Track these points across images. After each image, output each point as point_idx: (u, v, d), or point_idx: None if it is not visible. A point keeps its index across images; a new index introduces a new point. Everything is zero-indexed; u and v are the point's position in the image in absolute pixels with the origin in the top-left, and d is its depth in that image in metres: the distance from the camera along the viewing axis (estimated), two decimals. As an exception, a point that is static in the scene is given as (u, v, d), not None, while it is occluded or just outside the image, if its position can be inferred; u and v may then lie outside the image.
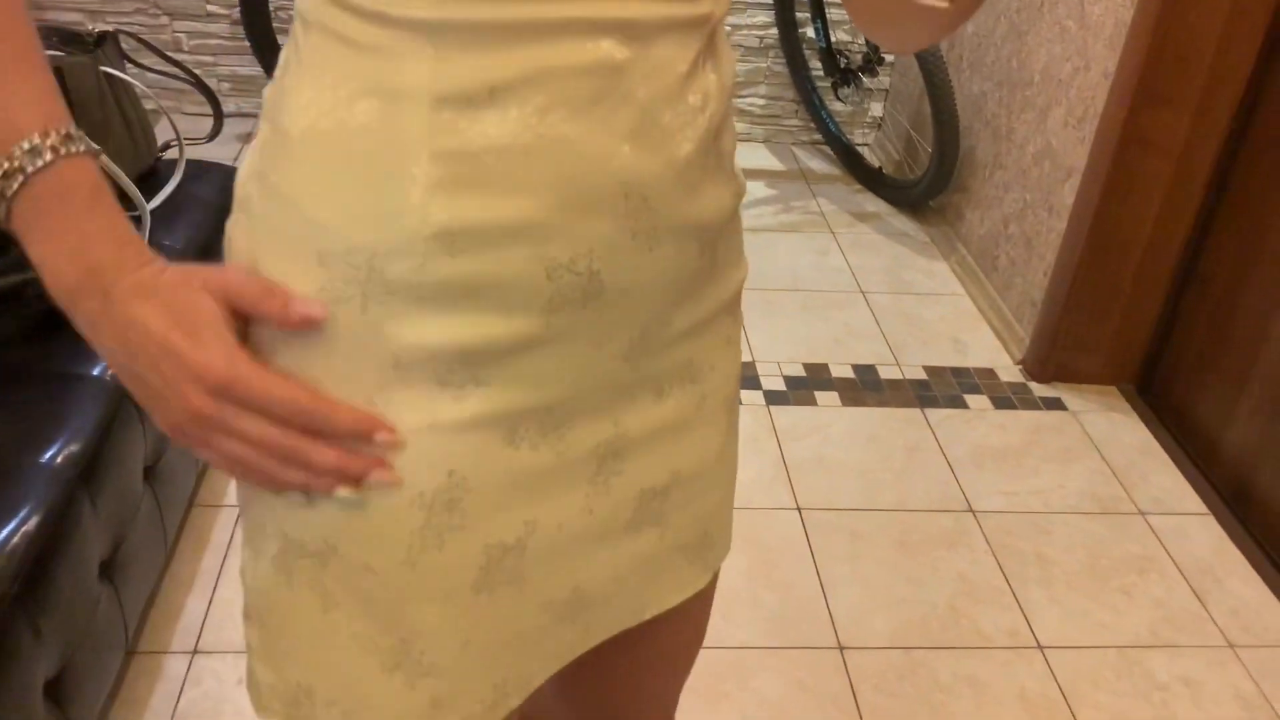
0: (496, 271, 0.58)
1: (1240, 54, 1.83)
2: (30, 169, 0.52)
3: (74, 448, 1.19)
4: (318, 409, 0.58)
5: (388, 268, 0.57)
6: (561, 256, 0.59)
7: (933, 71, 2.44)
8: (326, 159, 0.57)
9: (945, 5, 0.57)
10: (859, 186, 2.95)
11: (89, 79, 1.56)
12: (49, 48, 1.61)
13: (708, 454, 0.74)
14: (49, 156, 0.53)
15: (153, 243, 1.58)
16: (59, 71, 1.46)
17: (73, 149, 0.54)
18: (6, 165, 0.52)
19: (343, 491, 0.60)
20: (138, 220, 1.58)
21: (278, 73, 0.61)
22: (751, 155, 3.08)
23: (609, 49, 0.57)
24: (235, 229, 0.63)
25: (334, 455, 0.59)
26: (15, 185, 0.52)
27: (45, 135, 0.53)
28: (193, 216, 1.65)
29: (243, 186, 0.62)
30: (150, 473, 1.40)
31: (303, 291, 0.58)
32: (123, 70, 1.65)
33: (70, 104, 1.43)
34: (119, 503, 1.28)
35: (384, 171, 0.57)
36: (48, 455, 1.18)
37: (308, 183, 0.58)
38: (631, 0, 0.57)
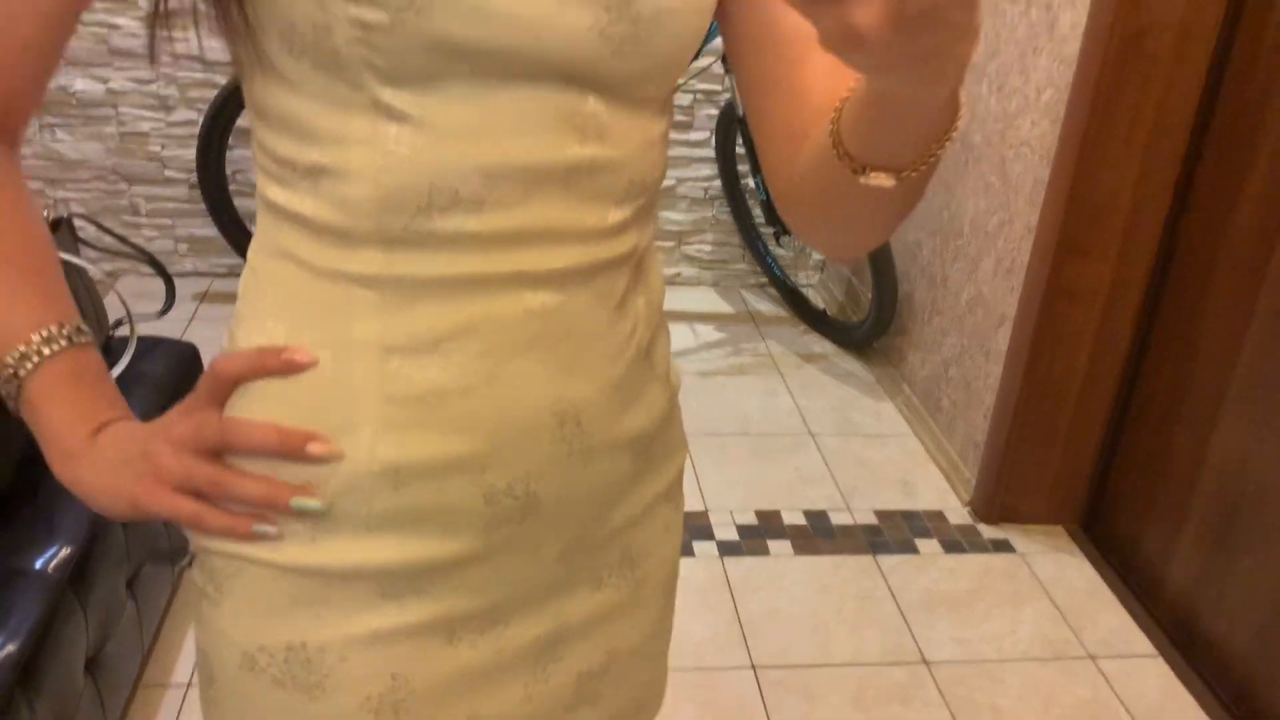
0: (437, 501, 0.63)
1: (1153, 206, 1.94)
2: (47, 352, 0.63)
3: (11, 648, 1.18)
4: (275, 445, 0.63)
5: (336, 502, 0.62)
6: (499, 483, 0.64)
7: (869, 222, 2.54)
8: (280, 398, 0.63)
9: (891, 184, 0.55)
10: (806, 328, 3.03)
11: (42, 265, 1.59)
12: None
13: (644, 632, 0.77)
14: (64, 345, 0.63)
15: (101, 424, 1.59)
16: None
17: (81, 340, 0.64)
18: (24, 349, 0.62)
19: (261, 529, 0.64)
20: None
21: (239, 299, 0.67)
22: (701, 299, 3.16)
23: (543, 299, 0.63)
24: None
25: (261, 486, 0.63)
26: (30, 366, 0.62)
27: (61, 328, 0.63)
28: (144, 394, 1.67)
29: None
30: (93, 663, 1.38)
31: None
32: (76, 254, 1.69)
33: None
34: (58, 699, 1.26)
35: (336, 414, 0.62)
36: (-14, 656, 1.16)
37: (252, 402, 0.63)
38: (561, 251, 0.63)
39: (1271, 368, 1.73)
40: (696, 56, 2.55)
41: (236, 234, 2.80)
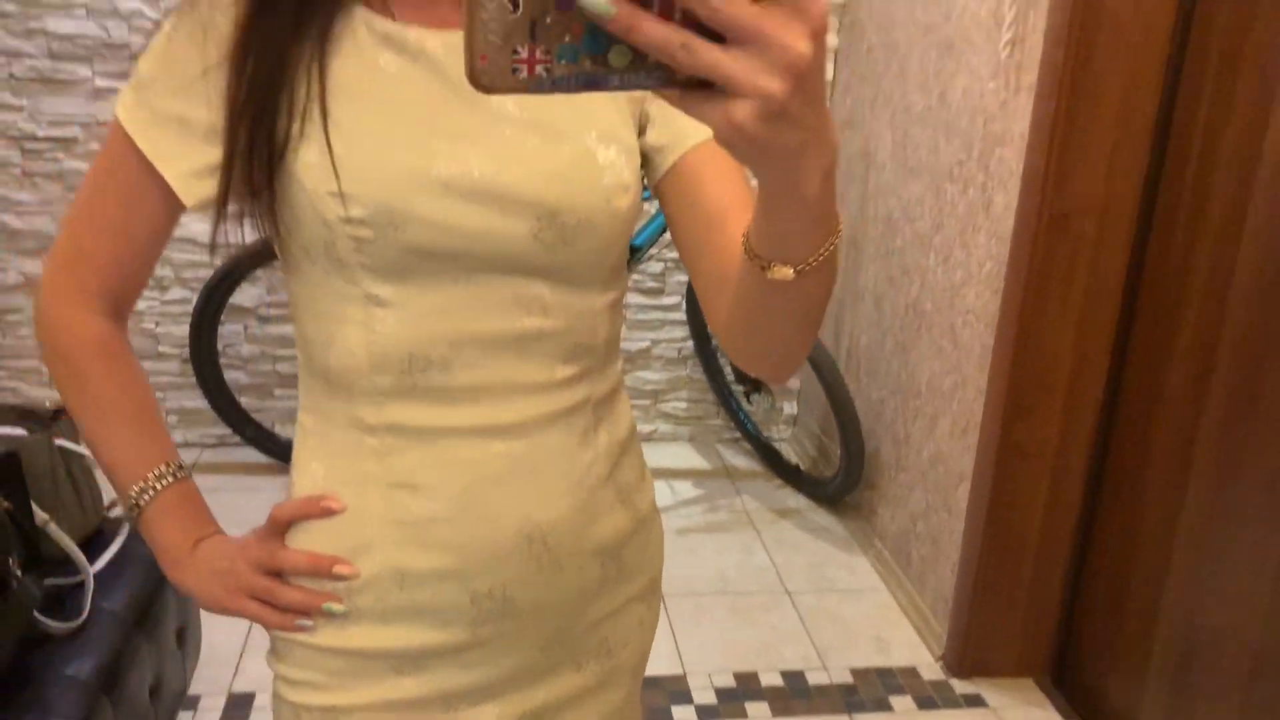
0: (434, 600, 0.85)
1: (1092, 368, 2.06)
2: (159, 486, 0.87)
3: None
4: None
5: (358, 600, 0.85)
6: (482, 588, 0.85)
7: (830, 381, 2.66)
8: (322, 528, 0.86)
9: (791, 275, 0.64)
10: (780, 482, 3.12)
11: (43, 455, 1.68)
12: (8, 424, 1.74)
13: (616, 705, 0.96)
14: (171, 480, 0.88)
15: (93, 607, 1.65)
16: (15, 452, 1.59)
17: (182, 474, 0.89)
18: (142, 484, 0.87)
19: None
20: (81, 585, 1.66)
21: (294, 447, 0.91)
22: (678, 455, 3.25)
23: (509, 445, 0.83)
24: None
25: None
26: (148, 498, 0.87)
27: (168, 466, 0.88)
28: (135, 576, 1.73)
29: None
30: None
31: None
32: (76, 441, 1.78)
33: (26, 479, 1.55)
34: None
35: (358, 536, 0.85)
36: None
37: (304, 533, 0.87)
38: (519, 403, 0.83)
39: (1214, 516, 1.83)
40: (662, 233, 2.67)
41: (225, 406, 2.90)
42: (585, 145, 0.81)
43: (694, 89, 0.50)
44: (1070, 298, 2.01)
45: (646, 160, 0.85)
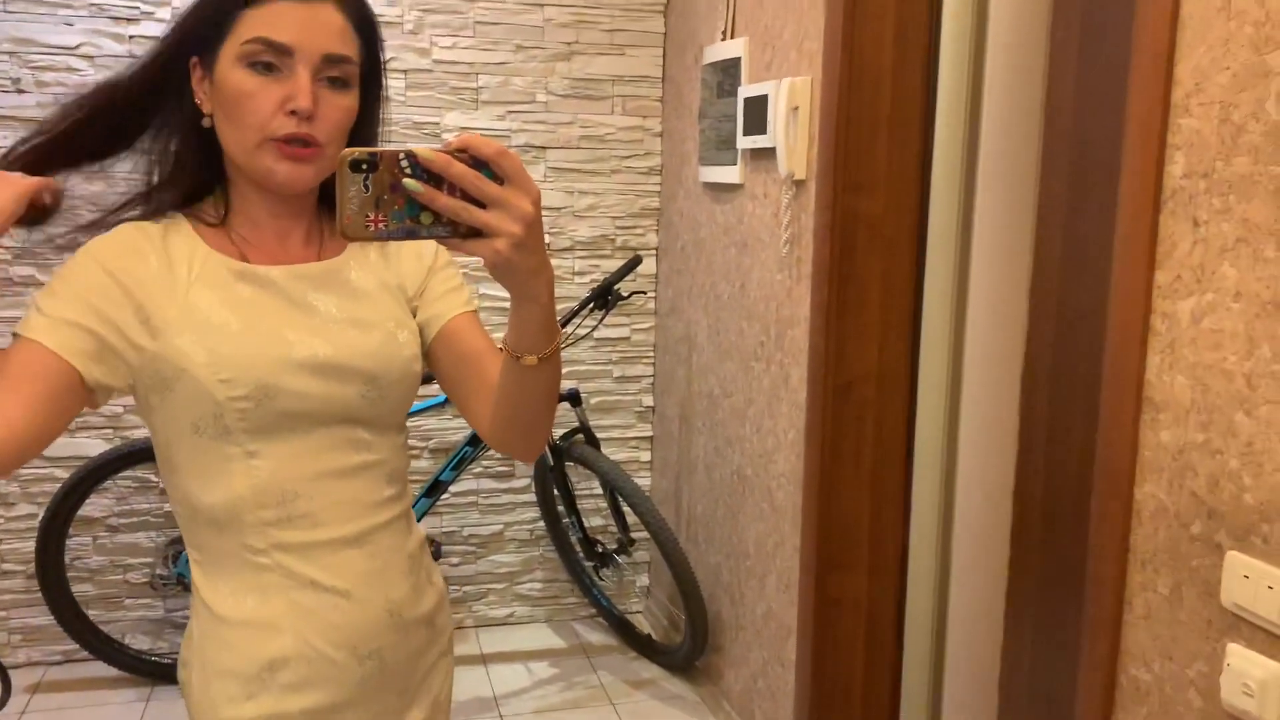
0: (332, 667, 1.16)
1: (889, 522, 2.29)
2: None
3: None
4: None
5: (280, 674, 1.13)
6: (365, 653, 1.17)
7: (668, 550, 2.83)
8: (239, 631, 1.16)
9: (535, 361, 1.03)
10: (635, 654, 3.22)
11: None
12: None
13: None
14: None
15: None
16: None
17: None
18: None
19: None
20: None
21: (194, 577, 1.17)
22: (536, 636, 3.33)
23: (363, 548, 1.19)
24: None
25: None
26: None
27: None
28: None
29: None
30: None
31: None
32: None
33: None
34: None
35: (271, 629, 1.14)
36: None
37: (226, 648, 1.15)
38: (365, 517, 1.17)
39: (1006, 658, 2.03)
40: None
41: (73, 619, 2.87)
42: (388, 330, 1.17)
43: (470, 237, 0.89)
44: (861, 455, 2.25)
45: (420, 332, 1.22)
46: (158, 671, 2.94)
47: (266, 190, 1.12)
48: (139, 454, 2.82)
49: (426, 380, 1.53)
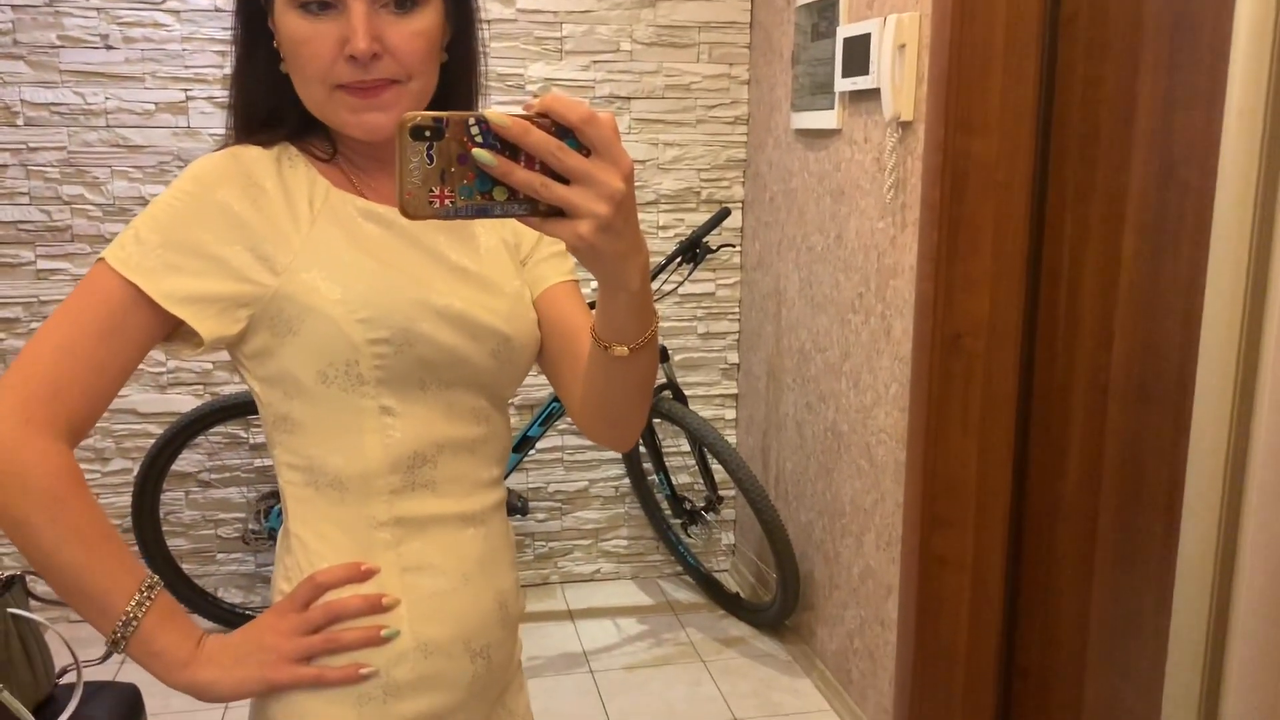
0: (447, 664, 1.01)
1: (997, 478, 2.21)
2: (141, 613, 0.90)
3: None
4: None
5: (394, 671, 0.98)
6: (477, 649, 1.03)
7: (760, 506, 2.78)
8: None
9: (626, 352, 0.89)
10: (723, 612, 3.19)
11: (-4, 623, 1.71)
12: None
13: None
14: (159, 589, 0.92)
15: (46, 773, 1.66)
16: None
17: (159, 587, 0.92)
18: (138, 597, 0.90)
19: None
20: (32, 752, 1.67)
21: (282, 560, 1.03)
22: (621, 592, 3.31)
23: (476, 530, 1.05)
24: None
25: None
26: (131, 629, 0.90)
27: (152, 578, 0.92)
28: (86, 740, 1.75)
29: None
30: None
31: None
32: (27, 609, 1.81)
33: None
34: None
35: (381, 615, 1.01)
36: None
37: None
38: (477, 496, 1.05)
39: (1118, 608, 1.95)
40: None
41: (169, 573, 2.91)
42: (516, 290, 1.07)
43: (550, 215, 0.74)
44: (969, 411, 2.18)
45: None
46: (252, 624, 2.98)
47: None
48: (230, 409, 2.83)
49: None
